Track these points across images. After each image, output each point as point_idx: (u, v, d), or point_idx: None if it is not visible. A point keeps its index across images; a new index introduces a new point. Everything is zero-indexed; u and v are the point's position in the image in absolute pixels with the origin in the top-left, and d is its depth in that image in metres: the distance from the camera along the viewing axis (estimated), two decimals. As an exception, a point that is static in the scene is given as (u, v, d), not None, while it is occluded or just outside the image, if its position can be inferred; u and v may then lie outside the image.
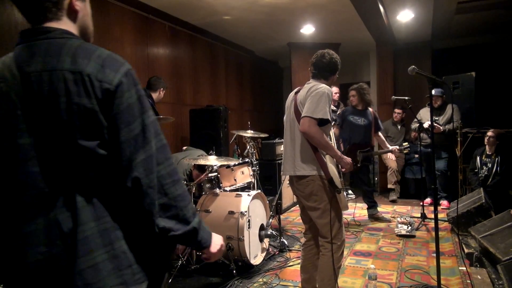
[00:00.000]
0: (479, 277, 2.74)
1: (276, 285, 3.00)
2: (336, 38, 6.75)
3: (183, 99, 5.60)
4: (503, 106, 6.17)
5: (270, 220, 3.70)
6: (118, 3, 4.39)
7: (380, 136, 4.65)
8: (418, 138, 4.93)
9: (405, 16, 5.49)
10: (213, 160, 3.32)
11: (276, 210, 3.94)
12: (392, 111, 6.33)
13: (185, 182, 3.49)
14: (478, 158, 4.78)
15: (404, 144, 4.56)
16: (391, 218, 4.89)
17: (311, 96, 2.30)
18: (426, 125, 4.59)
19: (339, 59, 2.53)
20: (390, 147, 4.57)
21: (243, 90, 7.48)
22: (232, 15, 5.30)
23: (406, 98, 4.34)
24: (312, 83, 2.41)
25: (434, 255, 2.64)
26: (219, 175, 3.50)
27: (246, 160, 3.89)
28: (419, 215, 4.70)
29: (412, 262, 3.41)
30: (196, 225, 1.02)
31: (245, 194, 3.36)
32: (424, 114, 5.26)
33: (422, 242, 3.96)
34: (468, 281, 2.82)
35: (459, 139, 4.96)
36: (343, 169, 2.44)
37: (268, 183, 5.28)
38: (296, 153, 2.41)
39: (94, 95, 0.89)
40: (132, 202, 0.94)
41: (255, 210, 3.40)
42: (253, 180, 3.91)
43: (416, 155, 5.96)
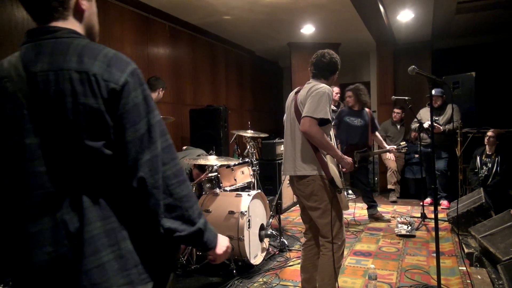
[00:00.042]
0: (479, 277, 2.74)
1: (276, 285, 3.00)
2: (336, 38, 6.74)
3: (183, 99, 5.60)
4: (503, 106, 6.18)
5: (270, 220, 3.70)
6: (118, 3, 4.39)
7: (377, 136, 4.65)
8: (418, 138, 4.93)
9: (405, 16, 5.49)
10: (213, 160, 3.32)
11: (276, 210, 3.95)
12: (392, 111, 6.33)
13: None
14: (478, 158, 4.78)
15: (402, 144, 4.55)
16: (391, 218, 4.89)
17: (312, 96, 2.30)
18: (426, 125, 4.60)
19: (339, 59, 2.53)
20: (388, 147, 4.57)
21: (243, 90, 7.48)
22: (232, 15, 5.30)
23: (406, 98, 4.35)
24: (313, 83, 2.41)
25: (434, 255, 2.64)
26: (219, 175, 3.50)
27: (246, 160, 3.89)
28: (419, 215, 4.70)
29: (412, 262, 3.41)
30: (202, 226, 1.01)
31: (245, 194, 3.36)
32: (424, 114, 5.26)
33: (422, 242, 3.96)
34: (468, 281, 2.83)
35: (459, 139, 4.96)
36: (344, 169, 2.44)
37: (268, 183, 5.28)
38: (297, 153, 2.41)
39: (100, 95, 0.89)
40: (138, 203, 0.94)
41: (255, 210, 3.40)
42: (253, 180, 3.91)
43: (416, 155, 5.97)
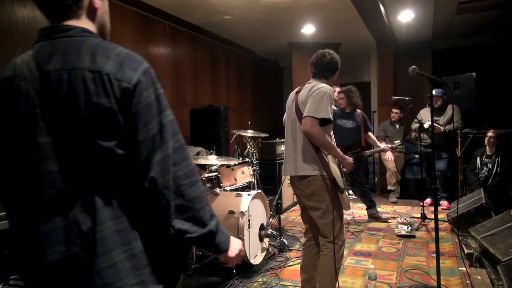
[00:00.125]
0: (479, 278, 2.74)
1: (276, 285, 3.00)
2: (337, 38, 6.74)
3: (184, 99, 5.60)
4: (504, 107, 6.17)
5: (270, 220, 3.70)
6: (119, 2, 4.39)
7: (371, 136, 4.64)
8: (419, 139, 4.93)
9: (406, 16, 5.49)
10: (213, 160, 3.32)
11: (276, 210, 3.94)
12: (391, 111, 6.33)
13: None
14: (479, 159, 4.78)
15: (396, 142, 4.54)
16: (391, 218, 4.88)
17: (313, 96, 2.30)
18: (427, 126, 4.59)
19: (339, 59, 2.53)
20: (382, 146, 4.57)
21: (244, 90, 7.48)
22: (233, 15, 5.30)
23: (407, 98, 4.34)
24: (313, 83, 2.41)
25: (434, 256, 2.64)
26: (220, 175, 3.50)
27: (247, 160, 3.89)
28: (419, 216, 4.70)
29: (412, 262, 3.41)
30: (213, 228, 0.99)
31: (245, 194, 3.36)
32: (425, 115, 5.26)
33: (422, 243, 3.96)
34: (468, 282, 2.83)
35: (460, 140, 4.95)
36: (345, 169, 2.44)
37: (268, 183, 5.28)
38: (298, 153, 2.41)
39: (113, 95, 0.88)
40: (149, 203, 0.93)
41: (255, 210, 3.40)
42: (253, 180, 3.91)
43: (417, 156, 5.96)
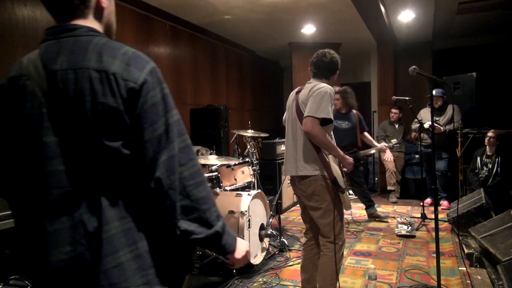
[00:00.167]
0: (479, 278, 2.74)
1: (276, 285, 3.00)
2: (337, 38, 6.74)
3: (184, 99, 5.60)
4: (504, 107, 6.17)
5: (270, 220, 3.70)
6: (119, 2, 4.38)
7: (367, 136, 4.64)
8: (419, 139, 4.93)
9: (406, 16, 5.48)
10: (214, 160, 3.32)
11: (276, 210, 3.95)
12: (390, 111, 6.33)
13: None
14: (479, 159, 4.77)
15: (393, 141, 4.54)
16: (391, 218, 4.88)
17: (314, 96, 2.29)
18: (427, 126, 4.60)
19: (339, 59, 2.53)
20: (378, 145, 4.57)
21: (244, 90, 7.48)
22: (233, 15, 5.30)
23: (407, 98, 4.34)
24: (314, 83, 2.41)
25: (434, 255, 2.64)
26: (220, 175, 3.50)
27: (247, 160, 3.89)
28: (419, 215, 4.70)
29: (412, 262, 3.41)
30: (219, 229, 0.98)
31: (245, 194, 3.36)
32: (425, 115, 5.26)
33: (422, 242, 3.96)
34: (468, 282, 2.83)
35: (460, 140, 4.95)
36: (345, 169, 2.44)
37: (269, 183, 5.28)
38: (298, 153, 2.40)
39: (119, 95, 0.88)
40: (154, 203, 0.93)
41: (255, 210, 3.40)
42: (254, 180, 3.91)
43: (417, 156, 5.97)
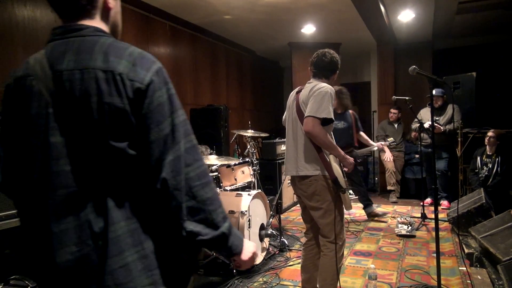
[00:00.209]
0: (479, 277, 2.74)
1: (276, 285, 3.00)
2: (337, 38, 6.74)
3: (184, 99, 5.60)
4: (504, 107, 6.16)
5: (270, 220, 3.70)
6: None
7: (363, 136, 4.64)
8: (419, 138, 4.93)
9: (406, 16, 5.48)
10: (214, 160, 3.32)
11: (277, 210, 3.95)
12: (389, 111, 6.33)
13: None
14: (479, 158, 4.77)
15: (389, 140, 4.55)
16: (391, 218, 4.88)
17: (314, 96, 2.29)
18: (427, 125, 4.59)
19: (339, 58, 2.53)
20: (375, 144, 4.57)
21: (244, 90, 7.48)
22: (233, 15, 5.30)
23: (407, 98, 4.34)
24: (314, 83, 2.40)
25: (434, 255, 2.64)
26: (220, 175, 3.50)
27: (247, 160, 3.89)
28: (419, 215, 4.70)
29: (412, 262, 3.41)
30: (226, 231, 0.97)
31: (246, 194, 3.36)
32: (425, 114, 5.26)
33: (422, 242, 3.96)
34: (468, 281, 2.83)
35: (460, 139, 4.95)
36: (346, 169, 2.43)
37: (269, 183, 5.28)
38: (299, 153, 2.40)
39: (126, 95, 0.88)
40: (160, 204, 0.93)
41: (256, 210, 3.41)
42: (254, 180, 3.91)
43: (417, 155, 5.97)
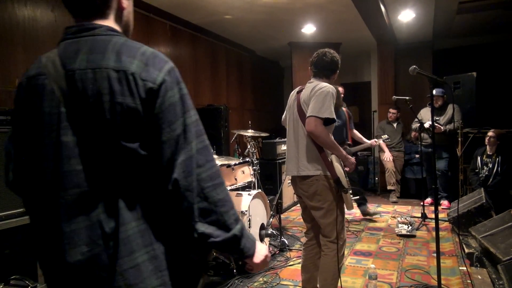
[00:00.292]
0: (480, 277, 2.74)
1: (277, 285, 3.01)
2: (337, 38, 6.73)
3: (184, 98, 5.59)
4: (504, 106, 6.17)
5: (271, 220, 3.70)
6: (119, 2, 4.38)
7: (356, 134, 4.64)
8: (419, 138, 4.93)
9: (406, 16, 5.48)
10: (214, 159, 3.32)
11: (277, 210, 3.95)
12: (388, 111, 6.32)
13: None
14: (479, 158, 4.77)
15: (383, 137, 4.55)
16: (391, 217, 4.89)
17: (316, 96, 2.29)
18: (427, 125, 4.59)
19: (339, 58, 2.53)
20: (368, 142, 4.56)
21: (244, 90, 7.47)
22: (233, 15, 5.30)
23: (407, 98, 4.34)
24: (315, 82, 2.40)
25: (435, 255, 2.64)
26: (220, 174, 3.50)
27: (247, 160, 3.89)
28: (420, 215, 4.70)
29: (413, 262, 3.41)
30: (238, 233, 0.96)
31: (246, 194, 3.36)
32: (425, 114, 5.26)
33: (423, 242, 3.96)
34: (469, 281, 2.83)
35: (460, 139, 4.95)
36: (347, 169, 2.43)
37: (269, 183, 5.28)
38: (300, 153, 2.40)
39: (138, 95, 0.87)
40: (172, 205, 0.92)
41: (256, 210, 3.41)
42: (254, 180, 3.91)
43: (417, 155, 5.97)
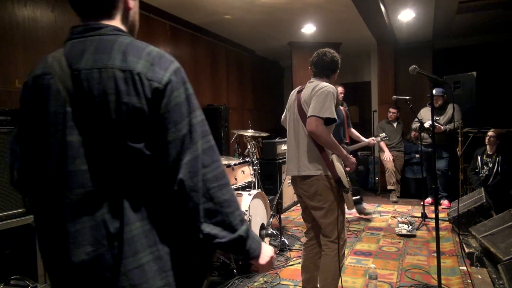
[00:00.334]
0: (480, 277, 2.74)
1: (277, 285, 3.01)
2: (337, 38, 6.73)
3: (184, 98, 5.59)
4: (504, 106, 6.17)
5: (271, 220, 3.70)
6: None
7: (354, 132, 4.64)
8: (419, 138, 4.93)
9: (406, 16, 5.48)
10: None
11: (277, 210, 3.95)
12: (388, 111, 6.32)
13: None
14: (479, 158, 4.77)
15: (381, 135, 4.55)
16: (392, 217, 4.89)
17: (317, 96, 2.28)
18: (427, 125, 4.59)
19: (340, 58, 2.53)
20: (366, 140, 4.56)
21: (244, 90, 7.47)
22: (233, 15, 5.30)
23: (407, 98, 4.34)
24: (315, 82, 2.40)
25: (435, 255, 2.64)
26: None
27: (247, 160, 3.89)
28: (420, 215, 4.71)
29: (413, 262, 3.41)
30: (243, 234, 0.95)
31: (246, 194, 3.36)
32: (425, 114, 5.26)
33: (423, 242, 3.96)
34: (469, 281, 2.83)
35: (460, 139, 4.95)
36: (348, 168, 2.42)
37: (269, 183, 5.28)
38: (301, 153, 2.39)
39: (144, 95, 0.87)
40: (177, 205, 0.91)
41: (256, 210, 3.41)
42: (254, 180, 3.91)
43: (417, 155, 5.97)
